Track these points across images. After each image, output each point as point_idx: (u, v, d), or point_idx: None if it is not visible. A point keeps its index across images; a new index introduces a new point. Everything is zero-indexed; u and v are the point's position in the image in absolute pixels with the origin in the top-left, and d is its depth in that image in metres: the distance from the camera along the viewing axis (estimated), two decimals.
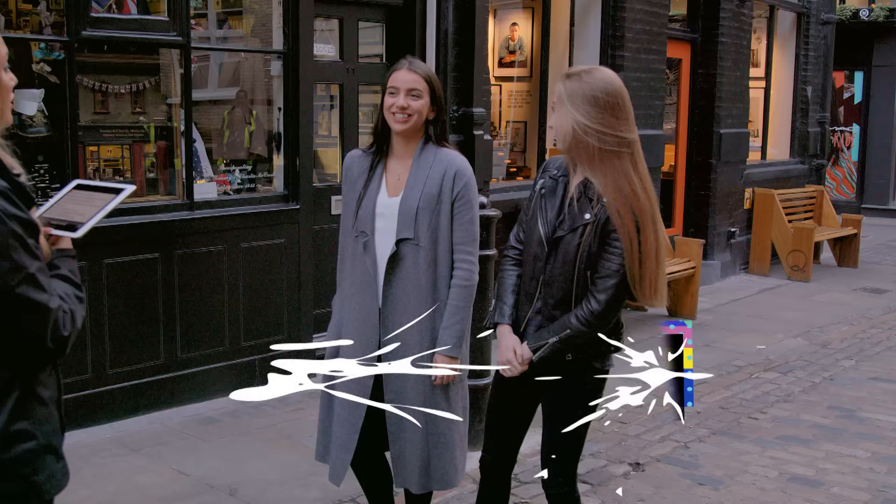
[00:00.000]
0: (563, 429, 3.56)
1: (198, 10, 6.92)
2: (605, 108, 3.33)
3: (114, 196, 2.62)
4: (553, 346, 3.40)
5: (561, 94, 3.38)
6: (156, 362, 6.09)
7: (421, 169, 3.79)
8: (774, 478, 5.36)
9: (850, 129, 19.58)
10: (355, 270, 3.85)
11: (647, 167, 3.46)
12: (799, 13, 13.59)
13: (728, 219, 11.86)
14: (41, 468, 2.32)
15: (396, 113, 3.74)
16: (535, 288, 3.50)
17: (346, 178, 3.95)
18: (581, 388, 3.48)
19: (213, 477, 5.13)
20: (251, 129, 7.13)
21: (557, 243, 3.41)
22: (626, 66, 9.57)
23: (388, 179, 3.85)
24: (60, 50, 5.81)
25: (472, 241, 3.85)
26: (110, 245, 5.80)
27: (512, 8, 10.03)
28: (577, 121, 3.32)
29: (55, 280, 2.34)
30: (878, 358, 8.10)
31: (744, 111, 12.10)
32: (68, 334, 2.28)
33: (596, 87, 3.34)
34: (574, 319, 3.37)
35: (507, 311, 3.60)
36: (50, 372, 2.39)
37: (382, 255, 3.79)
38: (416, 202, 3.74)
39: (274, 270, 6.64)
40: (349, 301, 3.88)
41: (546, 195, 3.49)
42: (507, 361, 3.53)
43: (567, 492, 3.67)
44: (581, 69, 3.44)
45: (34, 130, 5.83)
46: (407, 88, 3.74)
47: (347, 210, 3.92)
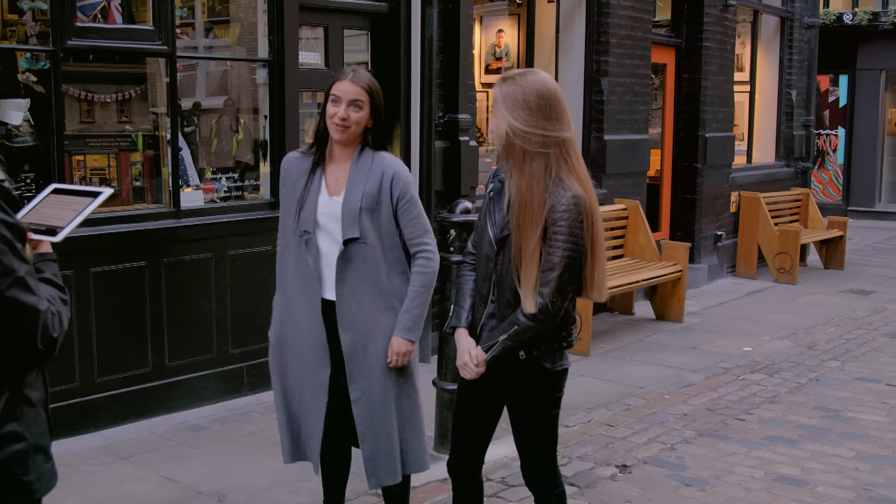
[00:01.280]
0: (527, 427, 3.66)
1: (183, 19, 6.94)
2: (537, 110, 3.39)
3: (91, 199, 2.64)
4: (503, 343, 3.46)
5: (496, 98, 3.46)
6: (144, 370, 6.10)
7: (360, 173, 3.93)
8: (760, 478, 5.40)
9: (835, 132, 19.70)
10: (299, 269, 3.98)
11: (583, 163, 3.52)
12: (782, 17, 13.67)
13: (714, 222, 11.92)
14: (31, 468, 2.35)
15: (336, 123, 3.88)
16: (487, 289, 3.57)
17: (285, 179, 4.09)
18: (538, 384, 3.57)
19: (201, 484, 5.14)
20: (239, 138, 7.15)
21: (504, 243, 3.47)
22: (611, 71, 9.63)
23: (327, 181, 3.98)
24: (46, 59, 5.82)
25: (426, 233, 4.00)
26: (97, 253, 5.81)
27: (498, 15, 10.07)
28: (510, 124, 3.40)
29: (41, 283, 2.37)
30: (863, 358, 8.15)
31: (729, 115, 12.16)
32: (57, 335, 2.31)
33: (528, 91, 3.40)
34: (520, 315, 3.41)
35: (463, 314, 3.67)
36: (37, 374, 2.43)
37: (327, 254, 3.93)
38: (358, 202, 3.88)
39: (261, 278, 6.66)
40: (295, 299, 4.01)
41: (494, 198, 3.57)
42: (463, 364, 3.60)
43: (548, 486, 3.73)
44: (517, 72, 3.51)
45: (20, 140, 5.84)
46: (349, 100, 3.87)
47: (287, 211, 4.06)
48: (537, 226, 3.36)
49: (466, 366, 3.58)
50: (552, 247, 3.36)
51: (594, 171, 9.61)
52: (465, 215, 5.28)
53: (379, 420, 3.95)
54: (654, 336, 8.92)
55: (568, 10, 9.68)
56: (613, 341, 8.66)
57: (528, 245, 3.37)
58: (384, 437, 3.96)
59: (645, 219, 9.75)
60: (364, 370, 3.94)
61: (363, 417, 3.95)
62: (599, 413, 6.49)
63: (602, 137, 9.61)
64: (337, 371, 3.97)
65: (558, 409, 3.69)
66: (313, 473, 4.22)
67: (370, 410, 3.95)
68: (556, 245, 3.35)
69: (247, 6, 7.21)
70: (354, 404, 3.94)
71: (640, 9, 10.04)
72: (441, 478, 5.18)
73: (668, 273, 9.26)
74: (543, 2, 9.54)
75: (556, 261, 3.35)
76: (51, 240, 2.53)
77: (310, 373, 4.00)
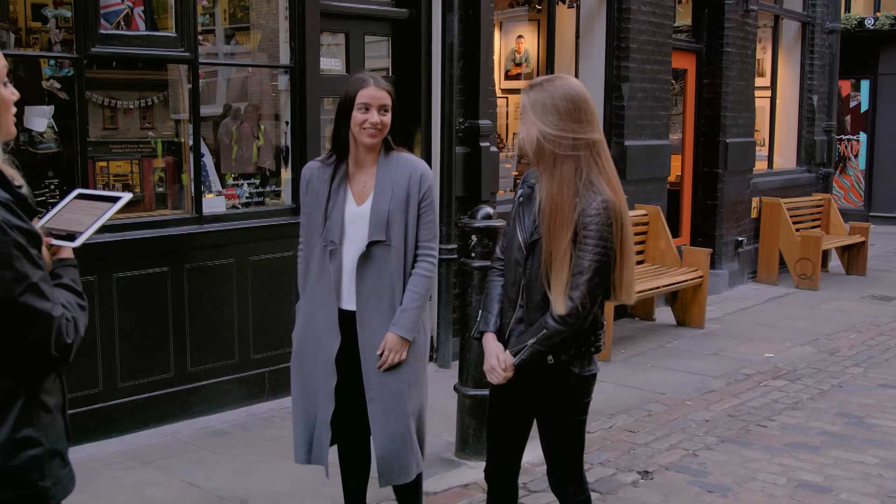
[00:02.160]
0: (555, 432, 3.66)
1: (205, 26, 6.97)
2: (566, 113, 3.41)
3: (111, 205, 2.65)
4: (532, 347, 3.46)
5: (525, 105, 3.49)
6: (166, 375, 6.13)
7: (387, 175, 3.99)
8: (783, 485, 5.37)
9: (856, 137, 19.58)
10: (321, 278, 4.02)
11: (613, 165, 3.56)
12: (804, 22, 13.61)
13: (735, 228, 11.87)
14: (47, 473, 2.36)
15: (369, 128, 3.92)
16: (516, 293, 3.58)
17: (308, 189, 4.11)
18: (566, 389, 3.57)
19: (223, 489, 5.16)
20: (259, 144, 7.18)
21: (534, 247, 3.48)
22: (631, 76, 9.62)
23: (353, 188, 4.03)
24: (70, 67, 5.87)
25: (435, 238, 4.10)
26: (120, 259, 5.84)
27: (517, 20, 10.07)
28: (540, 129, 3.42)
29: (57, 289, 2.37)
30: (886, 365, 8.10)
31: (750, 120, 12.12)
32: (71, 342, 2.31)
33: (557, 95, 3.43)
34: (549, 318, 3.42)
35: (491, 319, 3.68)
36: (54, 380, 2.43)
37: (349, 261, 3.98)
38: (387, 206, 3.94)
39: (282, 283, 6.68)
40: (316, 306, 4.05)
41: (524, 203, 3.58)
42: (490, 368, 3.61)
43: (574, 492, 3.72)
44: (544, 79, 3.53)
45: (44, 146, 5.89)
46: (379, 105, 3.93)
47: (311, 220, 4.08)
48: (568, 229, 3.37)
49: (494, 370, 3.59)
50: (582, 251, 3.37)
51: None
52: (487, 221, 5.28)
53: (393, 420, 3.99)
54: (675, 342, 8.89)
55: (588, 16, 9.67)
56: (634, 347, 8.63)
57: (558, 248, 3.37)
58: (398, 436, 3.99)
59: (666, 224, 9.72)
60: (379, 371, 3.98)
61: (378, 416, 3.99)
62: (621, 419, 6.47)
63: (623, 143, 9.60)
64: (354, 375, 4.01)
65: (586, 414, 3.69)
66: (334, 479, 4.23)
67: (385, 410, 3.99)
68: (586, 249, 3.36)
69: (268, 13, 7.24)
70: (370, 403, 3.99)
71: (661, 14, 10.03)
72: (462, 483, 5.19)
73: (689, 279, 9.23)
74: (563, 7, 9.54)
75: (586, 265, 3.36)
76: (69, 245, 2.54)
77: (321, 380, 4.04)
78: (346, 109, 3.95)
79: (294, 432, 4.18)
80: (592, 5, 9.61)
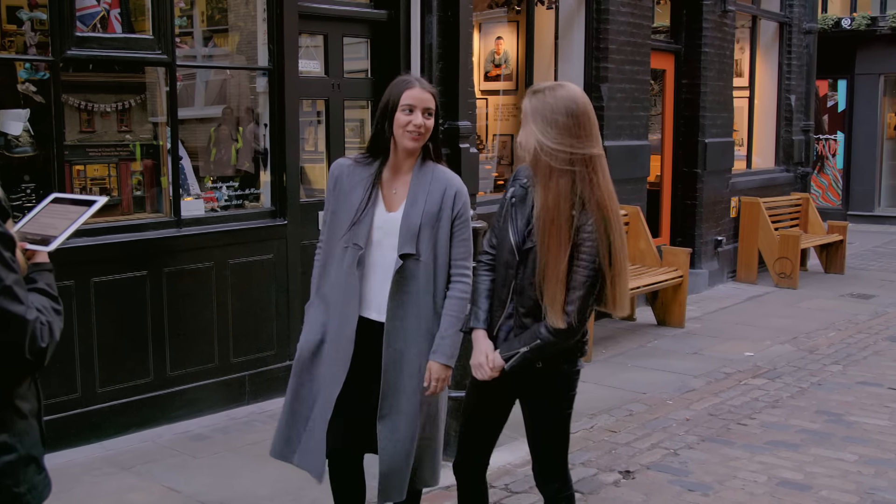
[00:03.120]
0: (543, 426, 3.67)
1: (183, 28, 6.95)
2: (564, 128, 3.42)
3: (86, 209, 2.63)
4: (524, 355, 3.48)
5: (526, 111, 3.48)
6: (145, 380, 6.09)
7: (420, 186, 3.84)
8: (763, 482, 5.39)
9: (834, 136, 19.71)
10: (340, 280, 3.88)
11: (609, 180, 3.54)
12: (781, 23, 13.68)
13: (715, 227, 11.92)
14: (22, 480, 2.34)
15: (412, 131, 3.79)
16: (506, 294, 3.59)
17: (337, 186, 3.94)
18: (554, 384, 3.61)
19: (204, 493, 5.13)
20: (238, 146, 7.15)
21: (527, 255, 3.48)
22: (610, 77, 9.64)
23: (385, 194, 3.88)
24: (46, 69, 5.82)
25: (469, 256, 3.93)
26: (98, 263, 5.81)
27: (497, 22, 10.08)
28: (539, 140, 3.43)
29: (32, 293, 2.35)
30: (864, 362, 8.15)
31: (728, 120, 12.17)
32: (46, 346, 2.29)
33: (558, 109, 3.43)
34: (544, 330, 3.44)
35: (481, 315, 3.67)
36: (29, 385, 2.41)
37: (378, 268, 3.84)
38: (419, 219, 3.80)
39: (262, 286, 6.66)
40: (337, 311, 3.90)
41: (517, 204, 3.57)
42: (478, 365, 3.61)
43: (559, 487, 3.74)
44: (547, 86, 3.52)
45: (20, 150, 5.84)
46: (423, 107, 3.80)
47: (336, 219, 3.92)
48: (566, 247, 3.38)
49: (482, 367, 3.60)
50: (579, 266, 3.39)
51: None
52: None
53: (401, 438, 3.87)
54: (655, 341, 8.92)
55: (567, 17, 9.69)
56: (615, 347, 8.65)
57: (557, 265, 3.38)
58: (402, 454, 3.88)
59: (646, 224, 9.74)
60: (397, 388, 3.85)
61: (387, 434, 3.86)
62: (602, 419, 6.48)
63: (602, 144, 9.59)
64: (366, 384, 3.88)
65: (571, 408, 3.71)
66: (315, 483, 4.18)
67: (395, 428, 3.86)
68: (581, 266, 3.38)
69: (246, 15, 7.22)
70: (381, 420, 3.85)
71: (639, 15, 10.05)
72: (445, 486, 5.17)
73: (669, 278, 9.26)
74: (542, 8, 9.55)
75: (581, 280, 3.38)
76: (44, 249, 2.52)
77: (326, 385, 3.91)
78: (390, 111, 3.81)
79: (277, 426, 4.05)
80: (571, 6, 9.63)
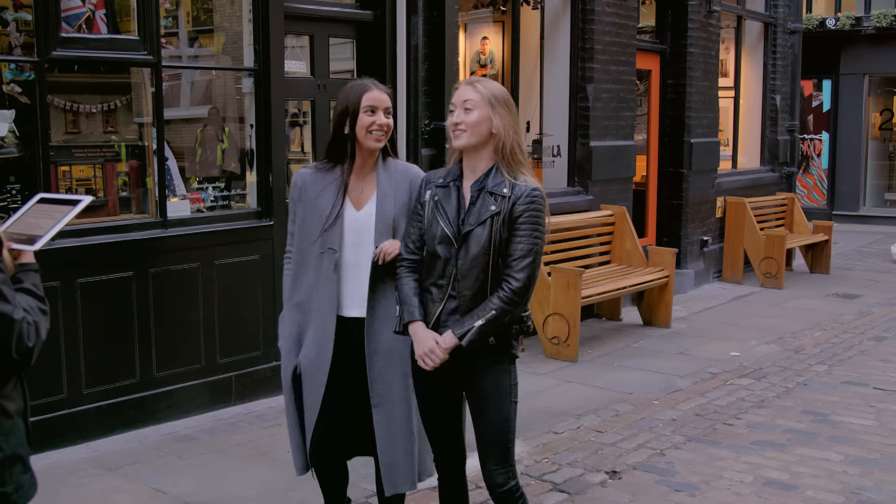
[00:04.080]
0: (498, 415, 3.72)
1: (168, 28, 6.93)
2: (511, 110, 3.70)
3: (72, 208, 2.64)
4: (480, 328, 3.56)
5: (480, 98, 3.65)
6: (131, 381, 6.08)
7: (389, 181, 3.99)
8: (750, 482, 5.41)
9: (819, 136, 19.80)
10: (317, 285, 3.98)
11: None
12: (766, 23, 13.74)
13: (700, 227, 11.95)
14: (8, 479, 2.34)
15: (376, 131, 3.91)
16: (445, 288, 3.67)
17: (302, 196, 4.05)
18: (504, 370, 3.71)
19: (190, 495, 5.12)
20: (224, 147, 7.14)
21: (467, 238, 3.61)
22: (595, 77, 9.65)
23: (350, 195, 4.00)
24: (31, 70, 5.80)
25: None
26: (84, 264, 5.79)
27: (482, 22, 10.09)
28: (501, 121, 3.64)
29: (19, 293, 2.35)
30: (850, 362, 8.18)
31: (714, 120, 12.20)
32: (32, 345, 2.29)
33: (504, 93, 3.70)
34: (497, 300, 3.56)
35: (415, 310, 3.74)
36: (15, 385, 2.41)
37: (353, 267, 3.96)
38: (392, 212, 3.94)
39: (249, 287, 6.65)
40: (314, 315, 4.00)
41: (440, 201, 3.71)
42: (430, 350, 3.63)
43: (516, 485, 3.78)
44: (479, 78, 3.79)
45: (5, 151, 5.82)
46: (384, 107, 3.94)
47: (304, 228, 4.04)
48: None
49: (433, 352, 3.62)
50: (521, 236, 3.60)
51: (580, 177, 9.63)
52: None
53: (398, 425, 3.96)
54: (641, 342, 8.93)
55: (552, 17, 9.71)
56: (601, 347, 8.66)
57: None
58: (402, 441, 3.97)
59: (631, 225, 9.76)
60: (386, 376, 3.95)
61: (382, 422, 3.95)
62: (588, 419, 6.49)
63: (588, 144, 9.63)
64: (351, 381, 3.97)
65: (517, 397, 3.80)
66: (302, 483, 4.19)
67: (389, 416, 3.95)
68: (524, 234, 3.60)
69: (231, 15, 7.21)
70: (375, 409, 3.95)
71: (625, 15, 10.07)
72: (432, 486, 5.16)
73: (655, 279, 9.27)
74: (528, 9, 9.56)
75: (527, 248, 3.59)
76: (29, 248, 2.52)
77: (312, 386, 3.99)
78: (351, 114, 3.91)
79: (291, 444, 4.13)
80: (557, 7, 9.65)
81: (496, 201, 3.58)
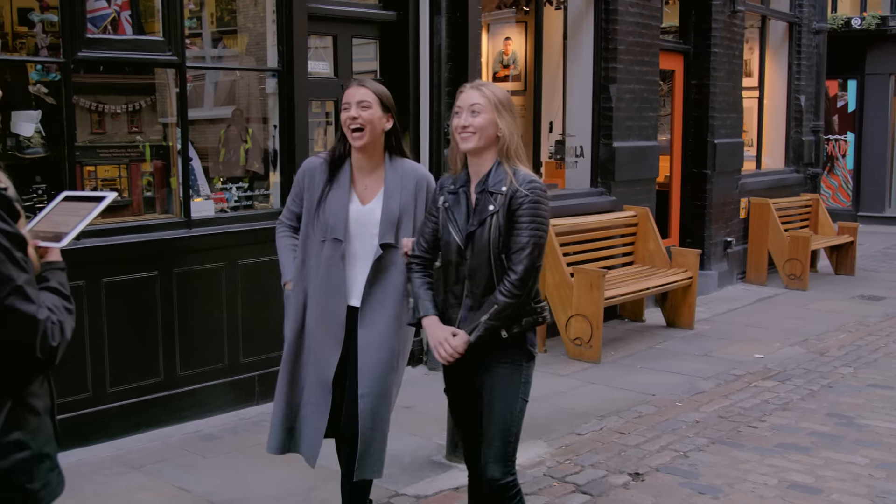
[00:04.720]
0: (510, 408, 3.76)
1: (192, 29, 6.96)
2: (513, 113, 3.80)
3: (97, 204, 2.65)
4: (486, 323, 3.63)
5: (487, 102, 3.73)
6: (155, 380, 6.11)
7: (396, 179, 4.16)
8: (774, 485, 5.38)
9: (844, 137, 19.65)
10: (320, 273, 4.12)
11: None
12: (791, 23, 13.66)
13: (724, 228, 11.89)
14: (36, 476, 2.35)
15: (350, 124, 4.07)
16: (461, 290, 3.77)
17: (309, 183, 4.20)
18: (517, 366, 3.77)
19: (213, 493, 5.14)
20: (247, 147, 7.16)
21: (471, 237, 3.70)
22: (619, 77, 9.63)
23: (357, 189, 4.16)
24: (57, 71, 5.84)
25: None
26: (109, 264, 5.82)
27: (505, 22, 10.08)
28: (506, 125, 3.73)
29: (44, 292, 2.36)
30: (875, 365, 8.12)
31: (738, 121, 12.14)
32: (57, 345, 2.30)
33: (507, 97, 3.79)
34: (498, 294, 3.64)
35: (429, 305, 3.83)
36: (42, 382, 2.42)
37: (355, 258, 4.12)
38: (398, 210, 4.11)
39: (272, 287, 6.65)
40: (323, 303, 4.14)
41: (451, 208, 3.80)
42: (443, 339, 3.71)
43: (513, 482, 3.81)
44: (482, 82, 3.88)
45: (31, 151, 5.86)
46: (356, 101, 4.10)
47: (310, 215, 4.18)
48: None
49: (443, 343, 3.68)
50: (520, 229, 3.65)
51: (603, 178, 9.61)
52: None
53: (379, 417, 4.09)
54: (664, 343, 8.90)
55: (575, 17, 9.68)
56: (624, 349, 8.64)
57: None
58: (379, 432, 4.10)
59: (655, 225, 9.73)
60: (376, 369, 4.07)
61: (367, 413, 4.06)
62: (611, 421, 6.47)
63: (611, 144, 9.61)
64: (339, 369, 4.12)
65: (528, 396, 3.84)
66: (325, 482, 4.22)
67: (375, 407, 4.07)
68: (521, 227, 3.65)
69: (255, 16, 7.23)
70: (362, 399, 4.06)
71: (648, 15, 10.04)
72: (452, 487, 5.18)
73: (679, 280, 9.24)
74: (551, 9, 9.55)
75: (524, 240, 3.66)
76: (56, 246, 2.53)
77: (321, 370, 4.12)
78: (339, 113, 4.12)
79: (272, 422, 4.25)
80: (580, 7, 9.63)
81: (495, 200, 3.68)
